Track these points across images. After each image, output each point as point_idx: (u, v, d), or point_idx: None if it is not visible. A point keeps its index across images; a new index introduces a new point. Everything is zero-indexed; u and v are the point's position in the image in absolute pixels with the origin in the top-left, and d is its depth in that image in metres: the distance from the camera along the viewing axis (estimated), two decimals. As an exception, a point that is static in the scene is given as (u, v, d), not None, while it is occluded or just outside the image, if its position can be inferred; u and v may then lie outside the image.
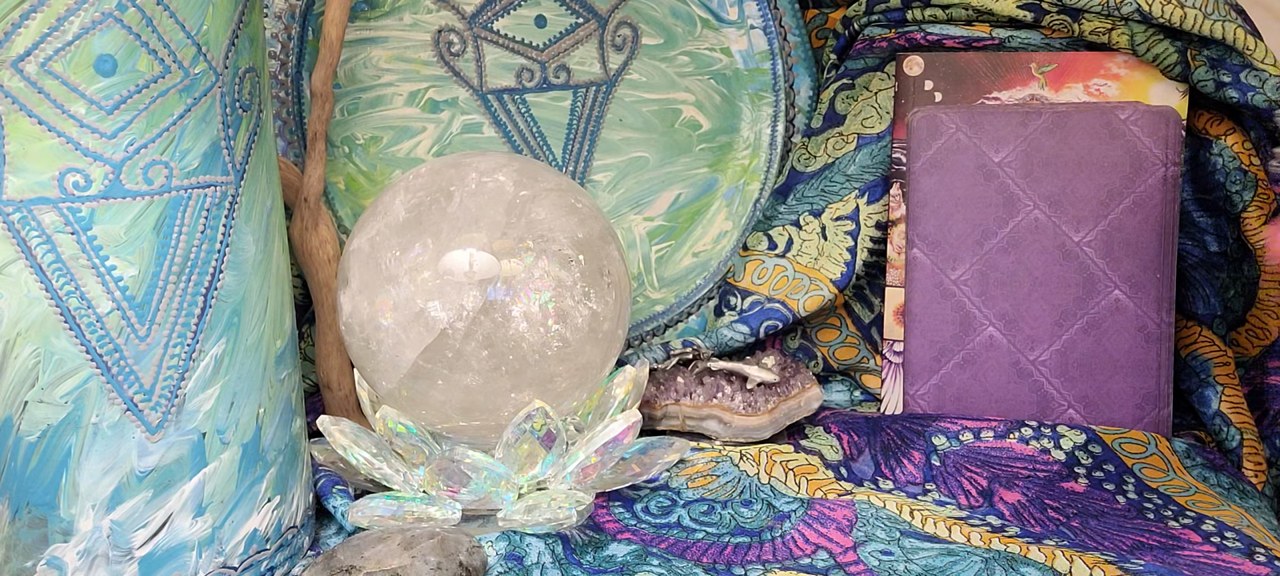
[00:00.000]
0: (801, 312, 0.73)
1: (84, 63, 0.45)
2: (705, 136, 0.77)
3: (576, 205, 0.61)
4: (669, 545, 0.57)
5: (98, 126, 0.46)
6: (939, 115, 0.69)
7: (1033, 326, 0.68)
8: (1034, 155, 0.68)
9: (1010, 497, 0.61)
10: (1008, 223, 0.69)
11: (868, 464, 0.66)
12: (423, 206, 0.59)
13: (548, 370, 0.58)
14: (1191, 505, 0.60)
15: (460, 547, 0.53)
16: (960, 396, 0.70)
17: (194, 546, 0.51)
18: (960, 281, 0.69)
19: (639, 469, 0.62)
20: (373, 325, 0.58)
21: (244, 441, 0.51)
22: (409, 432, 0.59)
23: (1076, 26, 0.68)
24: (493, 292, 0.57)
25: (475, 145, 0.74)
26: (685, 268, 0.77)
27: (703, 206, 0.77)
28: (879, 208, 0.73)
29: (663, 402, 0.68)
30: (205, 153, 0.48)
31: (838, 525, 0.58)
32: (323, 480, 0.60)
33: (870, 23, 0.72)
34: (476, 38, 0.73)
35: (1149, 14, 0.66)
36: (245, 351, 0.51)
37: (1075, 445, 0.65)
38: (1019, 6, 0.69)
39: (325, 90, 0.66)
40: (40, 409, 0.47)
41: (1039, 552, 0.55)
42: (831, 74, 0.75)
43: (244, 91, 0.50)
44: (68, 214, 0.46)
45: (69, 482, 0.48)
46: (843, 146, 0.74)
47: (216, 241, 0.49)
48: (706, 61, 0.76)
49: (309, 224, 0.67)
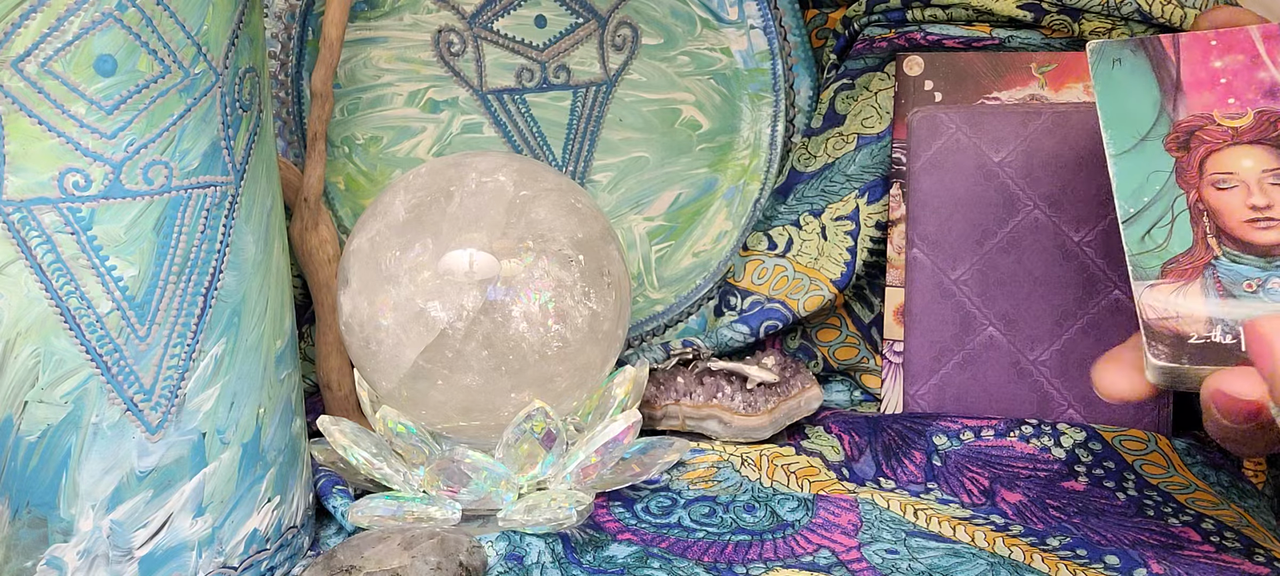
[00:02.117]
0: (801, 312, 0.73)
1: (84, 63, 0.45)
2: (705, 136, 0.77)
3: (576, 205, 0.61)
4: (670, 544, 0.57)
5: (98, 126, 0.46)
6: (939, 115, 0.69)
7: (1033, 326, 0.68)
8: (1034, 155, 0.68)
9: (1012, 497, 0.61)
10: (1008, 223, 0.69)
11: (869, 464, 0.66)
12: (423, 206, 0.59)
13: (548, 370, 0.58)
14: (1191, 503, 0.60)
15: (460, 547, 0.53)
16: (960, 396, 0.70)
17: (194, 546, 0.51)
18: (960, 281, 0.69)
19: (639, 469, 0.62)
20: (373, 325, 0.58)
21: (244, 441, 0.51)
22: (409, 432, 0.59)
23: (1076, 26, 0.68)
24: (493, 292, 0.57)
25: (475, 145, 0.74)
26: (685, 268, 0.77)
27: (703, 206, 0.77)
28: (879, 208, 0.73)
29: (663, 402, 0.68)
30: (205, 153, 0.48)
31: (843, 530, 0.58)
32: (323, 480, 0.60)
33: (870, 23, 0.72)
34: (476, 38, 0.73)
35: (1149, 14, 0.66)
36: (245, 351, 0.51)
37: (1075, 443, 0.65)
38: (1019, 6, 0.69)
39: (325, 90, 0.66)
40: (40, 409, 0.47)
41: (1043, 563, 0.55)
42: (831, 74, 0.75)
43: (244, 91, 0.50)
44: (68, 214, 0.46)
45: (69, 482, 0.48)
46: (843, 146, 0.74)
47: (216, 241, 0.49)
48: (706, 61, 0.76)
49: (309, 224, 0.67)
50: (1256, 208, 0.52)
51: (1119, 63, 0.56)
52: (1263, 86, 0.55)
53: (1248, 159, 0.53)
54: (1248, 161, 0.53)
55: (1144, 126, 0.55)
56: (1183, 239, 0.52)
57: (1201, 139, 0.54)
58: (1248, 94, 0.55)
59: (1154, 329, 0.50)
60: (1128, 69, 0.56)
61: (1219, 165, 0.54)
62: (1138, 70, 0.56)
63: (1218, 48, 0.56)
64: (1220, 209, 0.53)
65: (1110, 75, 0.56)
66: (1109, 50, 0.57)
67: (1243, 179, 0.53)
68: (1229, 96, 0.55)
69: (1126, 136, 0.55)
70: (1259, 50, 0.55)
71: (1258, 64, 0.55)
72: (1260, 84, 0.55)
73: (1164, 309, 0.51)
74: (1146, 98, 0.56)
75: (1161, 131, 0.55)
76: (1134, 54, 0.56)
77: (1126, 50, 0.57)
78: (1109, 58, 0.57)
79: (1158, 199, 0.53)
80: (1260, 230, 0.52)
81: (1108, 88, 0.56)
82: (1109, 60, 0.57)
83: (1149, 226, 0.53)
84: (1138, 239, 0.53)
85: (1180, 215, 0.53)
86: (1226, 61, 0.55)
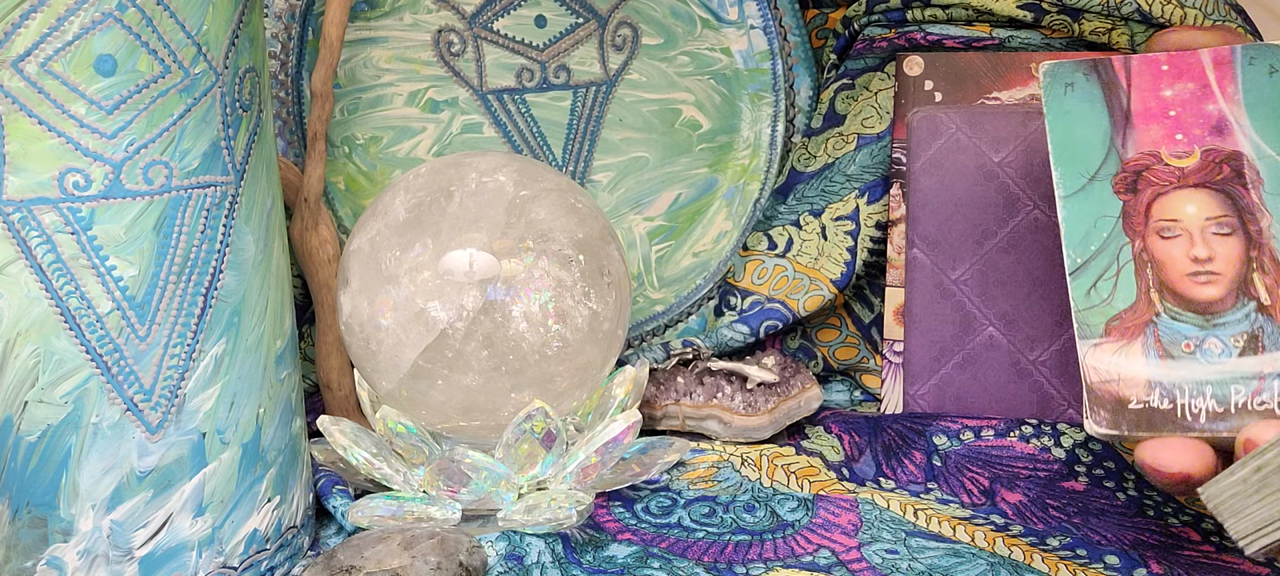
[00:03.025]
0: (801, 312, 0.73)
1: (84, 63, 0.45)
2: (705, 136, 0.77)
3: (576, 205, 0.61)
4: (670, 544, 0.57)
5: (98, 126, 0.46)
6: (939, 115, 0.69)
7: (1033, 326, 0.68)
8: (1034, 155, 0.68)
9: (1012, 497, 0.61)
10: (1008, 223, 0.69)
11: (869, 464, 0.66)
12: (423, 206, 0.59)
13: (548, 370, 0.58)
14: (1191, 503, 0.60)
15: (460, 547, 0.53)
16: (960, 396, 0.70)
17: (194, 546, 0.51)
18: (960, 281, 0.69)
19: (639, 469, 0.62)
20: (373, 325, 0.58)
21: (244, 441, 0.51)
22: (409, 432, 0.59)
23: (1076, 26, 0.68)
24: (493, 292, 0.57)
25: (475, 145, 0.74)
26: (685, 268, 0.77)
27: (703, 206, 0.77)
28: (879, 208, 0.73)
29: (663, 402, 0.68)
30: (205, 153, 0.48)
31: (843, 530, 0.58)
32: (323, 480, 0.60)
33: (870, 23, 0.72)
34: (476, 38, 0.73)
35: (1149, 14, 0.66)
36: (245, 351, 0.51)
37: (1075, 443, 0.65)
38: (1019, 6, 0.69)
39: (325, 90, 0.66)
40: (40, 409, 0.47)
41: (1043, 563, 0.55)
42: (831, 74, 0.75)
43: (244, 91, 0.50)
44: (68, 214, 0.46)
45: (69, 482, 0.48)
46: (843, 146, 0.74)
47: (216, 241, 0.49)
48: (706, 61, 0.76)
49: (309, 224, 0.67)
50: (1198, 260, 0.53)
51: (1071, 88, 0.57)
52: (1210, 121, 0.55)
53: (1192, 204, 0.54)
54: (1191, 208, 0.54)
55: (1093, 164, 0.55)
56: (1127, 293, 0.53)
57: (1149, 180, 0.54)
58: (1195, 129, 0.55)
59: (1096, 392, 0.51)
60: (1080, 95, 0.56)
61: (1165, 210, 0.54)
62: (1089, 97, 0.56)
63: (1169, 73, 0.56)
64: (1164, 260, 0.53)
65: (1062, 101, 0.57)
66: (1061, 73, 0.57)
67: (1186, 227, 0.53)
68: (1177, 131, 0.55)
69: (1076, 175, 0.55)
70: (1209, 78, 0.55)
71: (1207, 94, 0.55)
72: (1208, 118, 0.55)
73: (1106, 371, 0.52)
74: (1096, 129, 0.56)
75: (1110, 170, 0.55)
76: (1086, 78, 0.57)
77: (1079, 74, 0.57)
78: (1061, 82, 0.57)
79: (1105, 247, 0.54)
80: (1200, 285, 0.53)
81: (1058, 116, 0.57)
82: (1061, 84, 0.57)
83: (1095, 278, 0.54)
84: (1084, 293, 0.54)
85: (1125, 266, 0.54)
86: (1176, 90, 0.55)
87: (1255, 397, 0.50)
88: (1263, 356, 0.51)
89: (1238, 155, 0.54)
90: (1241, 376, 0.50)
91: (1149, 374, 0.51)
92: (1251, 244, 0.53)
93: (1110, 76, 0.57)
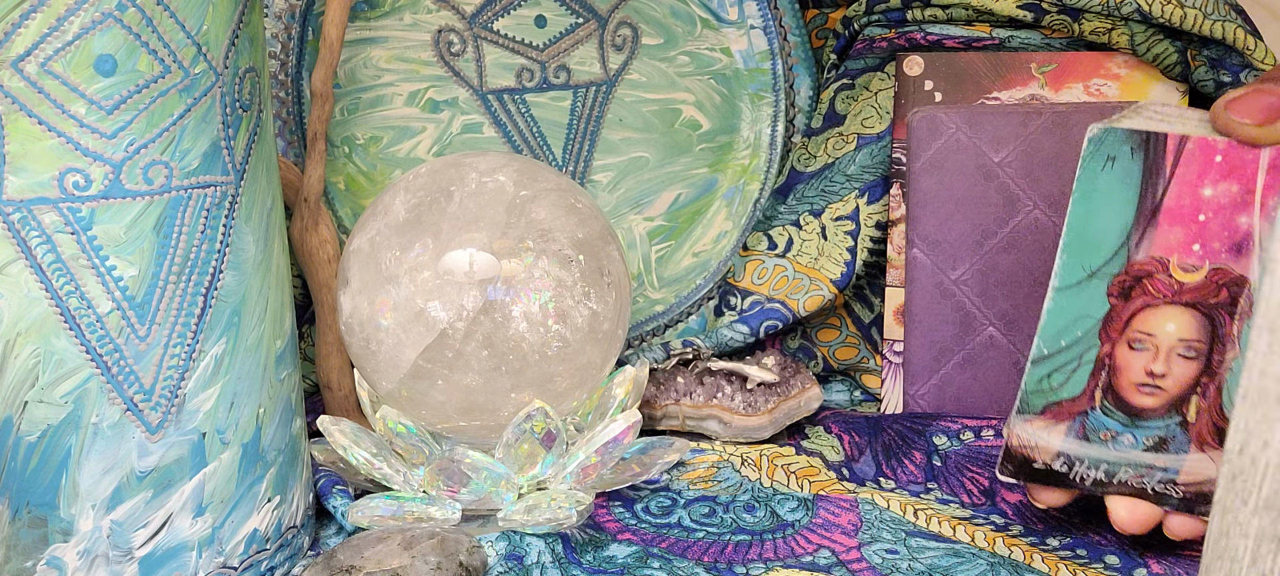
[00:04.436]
0: (801, 312, 0.73)
1: (84, 63, 0.45)
2: (705, 136, 0.77)
3: (576, 205, 0.61)
4: (670, 545, 0.57)
5: (98, 126, 0.46)
6: (939, 115, 0.69)
7: (1033, 326, 0.68)
8: (1034, 155, 0.68)
9: (1012, 497, 0.61)
10: (1008, 223, 0.69)
11: (869, 464, 0.66)
12: (423, 206, 0.59)
13: (548, 370, 0.58)
14: (1192, 505, 0.60)
15: (460, 547, 0.53)
16: (960, 396, 0.70)
17: (194, 546, 0.51)
18: (960, 281, 0.69)
19: (639, 469, 0.62)
20: (373, 325, 0.58)
21: (244, 441, 0.51)
22: (409, 432, 0.59)
23: (1076, 26, 0.68)
24: (493, 292, 0.57)
25: (475, 145, 0.74)
26: (685, 268, 0.77)
27: (703, 206, 0.77)
28: (879, 208, 0.73)
29: (663, 402, 0.68)
30: (205, 153, 0.48)
31: (843, 530, 0.58)
32: (323, 480, 0.60)
33: (870, 23, 0.72)
34: (476, 38, 0.73)
35: (1149, 14, 0.66)
36: (245, 351, 0.51)
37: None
38: (1019, 6, 0.69)
39: (325, 90, 0.66)
40: (40, 409, 0.47)
41: (1043, 563, 0.55)
42: (831, 74, 0.75)
43: (244, 91, 0.50)
44: (68, 214, 0.46)
45: (69, 482, 0.48)
46: (843, 146, 0.74)
47: (216, 241, 0.49)
48: (706, 61, 0.76)
49: (309, 224, 0.67)
50: (1153, 374, 0.53)
51: (1112, 163, 0.52)
52: (1235, 236, 0.51)
53: (1172, 323, 0.52)
54: (1171, 326, 0.52)
55: (1100, 259, 0.53)
56: (1075, 387, 0.54)
57: (1145, 289, 0.53)
58: (1215, 243, 0.52)
59: (1011, 450, 0.56)
60: (1117, 174, 0.52)
61: (1145, 324, 0.53)
62: (1126, 179, 0.52)
63: (1220, 166, 0.51)
64: (1122, 367, 0.54)
65: (1096, 178, 0.53)
66: (1108, 143, 0.52)
67: (1157, 343, 0.53)
68: (1197, 241, 0.52)
69: (1078, 268, 0.53)
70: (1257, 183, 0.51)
71: (1246, 203, 0.51)
72: (1234, 233, 0.51)
73: (1027, 440, 0.55)
74: (1117, 220, 0.53)
75: (1113, 269, 0.53)
76: (1132, 155, 0.52)
77: (1126, 148, 0.52)
78: (1105, 154, 0.52)
79: (1073, 346, 0.54)
80: (1144, 394, 0.53)
81: (1084, 196, 0.53)
82: (1104, 156, 0.52)
83: (1052, 370, 0.54)
84: (1037, 380, 0.55)
85: (1085, 365, 0.54)
86: (1217, 191, 0.51)
87: (1136, 479, 0.54)
88: (1162, 454, 0.53)
89: (1242, 281, 0.51)
90: (1136, 463, 0.54)
91: (1061, 447, 0.55)
92: (1206, 371, 0.52)
93: (1157, 159, 0.52)
